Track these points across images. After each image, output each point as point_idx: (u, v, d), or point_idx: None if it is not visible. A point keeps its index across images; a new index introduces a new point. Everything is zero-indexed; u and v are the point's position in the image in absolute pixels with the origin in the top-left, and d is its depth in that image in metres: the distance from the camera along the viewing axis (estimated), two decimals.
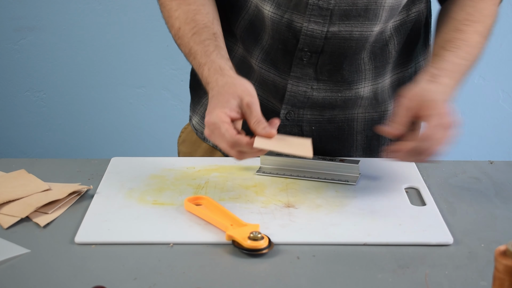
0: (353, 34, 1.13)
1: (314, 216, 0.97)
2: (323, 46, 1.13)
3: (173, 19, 1.13)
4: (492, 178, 1.12)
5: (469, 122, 2.52)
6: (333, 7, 1.10)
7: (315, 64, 1.15)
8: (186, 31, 1.11)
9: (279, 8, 1.12)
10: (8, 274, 0.85)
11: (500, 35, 2.41)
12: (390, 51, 1.18)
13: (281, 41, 1.15)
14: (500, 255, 0.72)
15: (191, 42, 1.10)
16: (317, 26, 1.11)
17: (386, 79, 1.20)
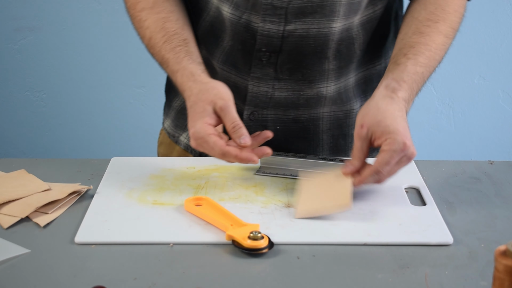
0: (310, 32, 1.12)
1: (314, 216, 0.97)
2: (281, 45, 1.13)
3: (144, 29, 1.14)
4: (492, 178, 1.12)
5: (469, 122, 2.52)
6: (288, 5, 1.09)
7: (274, 64, 1.14)
8: (157, 39, 1.12)
9: (237, 9, 1.12)
10: (8, 274, 0.85)
11: (500, 35, 2.41)
12: (355, 50, 1.17)
13: (240, 42, 1.14)
14: (500, 255, 0.72)
15: (162, 51, 1.11)
16: (273, 26, 1.11)
17: (350, 78, 1.19)
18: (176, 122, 1.28)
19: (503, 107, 2.50)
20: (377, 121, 0.99)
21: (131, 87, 2.48)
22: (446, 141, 2.54)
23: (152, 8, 1.14)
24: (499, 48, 2.43)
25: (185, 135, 1.26)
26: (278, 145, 1.18)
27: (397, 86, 1.04)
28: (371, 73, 1.22)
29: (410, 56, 1.07)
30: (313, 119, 1.19)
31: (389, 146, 0.97)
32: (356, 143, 1.01)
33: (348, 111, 1.21)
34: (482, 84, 2.47)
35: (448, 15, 1.12)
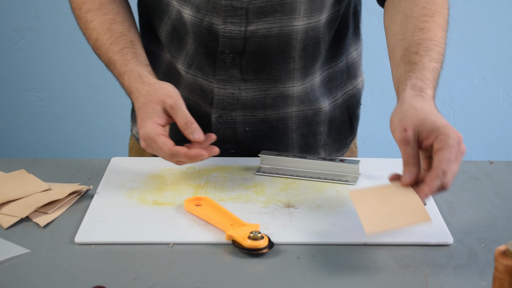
0: (272, 31, 1.11)
1: (314, 216, 0.97)
2: (244, 46, 1.12)
3: (90, 30, 1.13)
4: (492, 178, 1.12)
5: (469, 122, 2.52)
6: (248, 5, 1.09)
7: (239, 65, 1.14)
8: (103, 41, 1.12)
9: (198, 12, 1.11)
10: (8, 274, 0.85)
11: (500, 35, 2.41)
12: (320, 50, 1.17)
13: (203, 45, 1.14)
14: (500, 255, 0.72)
15: (109, 52, 1.11)
16: (235, 27, 1.10)
17: (315, 77, 1.19)
18: None
19: (503, 107, 2.50)
20: (421, 120, 0.92)
21: None
22: None
23: (98, 9, 1.13)
24: (499, 48, 2.43)
25: None
26: (248, 146, 1.18)
27: (423, 85, 0.98)
28: (335, 71, 1.21)
29: (423, 53, 1.03)
30: (282, 118, 1.19)
31: (444, 143, 0.88)
32: (405, 149, 0.91)
33: (316, 110, 1.20)
34: (482, 84, 2.47)
35: (440, 7, 1.11)
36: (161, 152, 1.00)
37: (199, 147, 1.00)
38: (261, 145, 1.19)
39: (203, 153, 0.99)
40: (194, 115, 1.02)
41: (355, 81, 1.25)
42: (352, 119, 1.27)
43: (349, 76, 1.23)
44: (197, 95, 1.18)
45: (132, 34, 1.13)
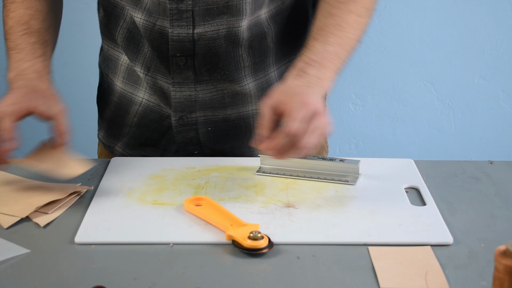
0: (220, 33, 1.12)
1: (314, 216, 0.97)
2: (194, 49, 1.13)
3: (8, 18, 1.15)
4: (492, 178, 1.12)
5: (469, 122, 2.52)
6: (193, 8, 1.09)
7: (192, 67, 1.15)
8: (16, 30, 1.13)
9: (151, 16, 1.12)
10: (8, 274, 0.85)
11: (500, 35, 2.41)
12: (268, 44, 1.16)
13: (157, 49, 1.14)
14: (500, 255, 0.72)
15: (19, 40, 1.12)
16: (182, 30, 1.11)
17: (270, 72, 1.19)
18: (110, 132, 1.27)
19: (503, 107, 2.50)
20: (283, 90, 1.00)
21: None
22: (446, 141, 2.54)
23: (22, 2, 1.14)
24: (499, 48, 2.43)
25: (119, 144, 1.26)
26: (211, 146, 1.19)
27: (305, 66, 1.04)
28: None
29: (319, 38, 1.07)
30: (243, 117, 1.19)
31: (290, 105, 0.96)
32: (264, 112, 0.99)
33: None
34: (482, 84, 2.47)
35: None
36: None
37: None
38: (224, 145, 1.20)
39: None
40: (157, 117, 1.03)
41: None
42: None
43: None
44: (158, 97, 1.18)
45: (48, 35, 1.15)
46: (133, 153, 1.24)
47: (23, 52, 1.11)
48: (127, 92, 1.21)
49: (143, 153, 1.22)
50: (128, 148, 1.24)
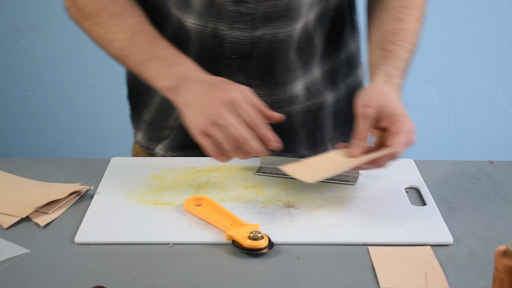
0: (279, 36, 1.12)
1: (314, 216, 0.97)
2: (251, 52, 1.13)
3: (116, 33, 1.10)
4: (492, 178, 1.12)
5: (469, 122, 2.52)
6: (254, 11, 1.09)
7: (245, 70, 1.15)
8: (138, 41, 1.08)
9: (201, 18, 1.11)
10: (8, 274, 0.85)
11: (500, 35, 2.41)
12: (315, 44, 1.17)
13: (209, 51, 1.14)
14: (500, 255, 0.72)
15: (150, 48, 1.07)
16: (241, 32, 1.10)
17: (315, 71, 1.19)
18: (149, 135, 1.26)
19: (503, 107, 2.50)
20: (384, 103, 1.00)
21: None
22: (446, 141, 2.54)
23: (123, 13, 1.11)
24: (499, 48, 2.43)
25: (160, 146, 1.25)
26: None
27: (394, 73, 1.06)
28: (336, 64, 1.22)
29: (398, 43, 1.09)
30: (287, 116, 1.18)
31: (401, 128, 0.97)
32: (361, 122, 0.99)
33: (320, 104, 1.21)
34: (482, 84, 2.47)
35: (418, 1, 1.14)
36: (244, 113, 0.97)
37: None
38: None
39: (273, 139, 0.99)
40: None
41: (356, 72, 1.27)
42: None
43: (350, 68, 1.25)
44: None
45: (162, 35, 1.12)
46: (175, 155, 1.23)
47: (165, 58, 1.06)
48: None
49: (185, 155, 1.21)
50: (170, 150, 1.24)
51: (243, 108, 0.97)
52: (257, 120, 0.97)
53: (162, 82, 1.04)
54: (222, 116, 0.96)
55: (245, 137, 0.96)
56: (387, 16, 1.12)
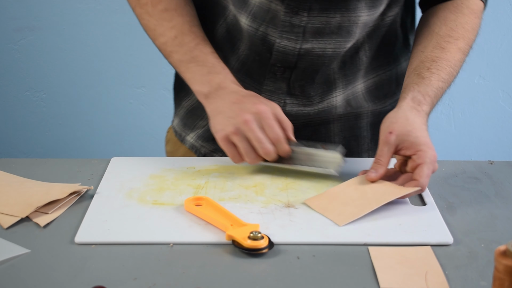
0: (327, 51, 1.13)
1: (314, 216, 0.97)
2: (296, 62, 1.14)
3: (166, 28, 1.13)
4: (492, 178, 1.12)
5: (469, 122, 2.52)
6: (306, 24, 1.10)
7: (288, 79, 1.16)
8: (185, 40, 1.12)
9: (254, 21, 1.12)
10: (8, 274, 0.85)
11: (500, 35, 2.41)
12: (360, 57, 1.17)
13: (257, 53, 1.15)
14: (500, 255, 0.72)
15: (196, 51, 1.11)
16: (290, 43, 1.11)
17: (357, 85, 1.19)
18: (185, 121, 1.28)
19: (503, 107, 2.50)
20: (407, 131, 1.01)
21: (131, 87, 2.48)
22: (446, 141, 2.54)
23: (175, 10, 1.13)
24: (499, 48, 2.43)
25: (192, 135, 1.26)
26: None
27: (422, 100, 1.06)
28: (382, 79, 1.22)
29: (434, 71, 1.09)
30: (324, 123, 1.20)
31: (424, 159, 0.99)
32: (383, 148, 1.02)
33: (358, 114, 1.21)
34: (482, 84, 2.47)
35: (467, 33, 1.14)
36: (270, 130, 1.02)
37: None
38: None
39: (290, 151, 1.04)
40: None
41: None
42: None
43: (399, 85, 1.23)
44: None
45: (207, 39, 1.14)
46: (205, 145, 1.25)
47: (207, 65, 1.10)
48: None
49: (215, 147, 1.23)
50: (200, 139, 1.25)
51: (269, 124, 1.02)
52: (281, 137, 1.02)
53: (199, 87, 1.09)
54: (248, 127, 1.02)
55: (267, 153, 1.03)
56: (431, 43, 1.12)
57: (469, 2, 1.15)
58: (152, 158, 1.17)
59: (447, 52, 1.11)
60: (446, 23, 1.14)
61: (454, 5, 1.15)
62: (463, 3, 1.15)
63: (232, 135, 1.03)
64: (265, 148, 1.02)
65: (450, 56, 1.11)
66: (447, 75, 1.10)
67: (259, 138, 1.02)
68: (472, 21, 1.15)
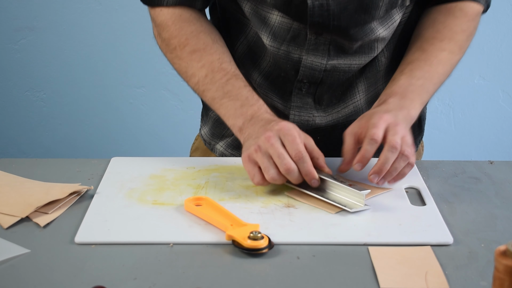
0: (352, 67, 1.14)
1: (314, 216, 0.97)
2: (322, 78, 1.15)
3: (196, 68, 1.13)
4: (492, 178, 1.12)
5: (469, 122, 2.52)
6: (330, 43, 1.11)
7: (313, 94, 1.17)
8: (216, 78, 1.11)
9: (275, 40, 1.13)
10: (8, 274, 0.85)
11: (500, 35, 2.41)
12: (380, 59, 1.18)
13: (282, 70, 1.16)
14: (500, 255, 0.72)
15: (228, 87, 1.10)
16: (316, 59, 1.13)
17: (379, 85, 1.21)
18: (213, 130, 1.29)
19: (503, 107, 2.50)
20: (361, 117, 1.04)
21: (131, 87, 2.48)
22: (446, 141, 2.54)
23: (204, 49, 1.13)
24: (499, 48, 2.43)
25: (221, 143, 1.28)
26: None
27: (386, 97, 1.07)
28: None
29: (406, 72, 1.10)
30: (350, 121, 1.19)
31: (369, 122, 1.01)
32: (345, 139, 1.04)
33: None
34: (482, 84, 2.47)
35: (455, 34, 1.14)
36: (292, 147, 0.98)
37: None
38: (333, 151, 1.16)
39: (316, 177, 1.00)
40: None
41: None
42: (420, 118, 1.28)
43: None
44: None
45: (240, 73, 1.13)
46: (234, 153, 1.26)
47: (240, 98, 1.08)
48: None
49: None
50: (230, 148, 1.26)
51: (291, 140, 0.98)
52: (304, 154, 0.98)
53: (233, 121, 1.08)
54: (269, 143, 0.98)
55: (288, 169, 0.98)
56: (414, 46, 1.14)
57: (463, 5, 1.15)
58: (152, 158, 1.17)
59: (427, 53, 1.12)
60: (433, 25, 1.14)
61: (447, 8, 1.16)
62: (457, 6, 1.15)
63: (254, 152, 1.00)
64: (285, 164, 0.97)
65: (430, 55, 1.11)
66: (425, 72, 1.10)
67: (280, 154, 0.97)
68: (464, 23, 1.15)
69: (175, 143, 2.51)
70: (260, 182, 1.00)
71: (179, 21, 1.15)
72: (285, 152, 0.98)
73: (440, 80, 1.12)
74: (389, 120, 1.00)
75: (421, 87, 1.09)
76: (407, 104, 1.06)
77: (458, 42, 1.14)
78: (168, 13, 1.15)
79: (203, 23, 1.16)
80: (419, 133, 1.30)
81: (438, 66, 1.11)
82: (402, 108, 1.05)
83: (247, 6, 1.14)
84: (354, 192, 0.98)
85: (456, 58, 1.15)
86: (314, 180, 0.99)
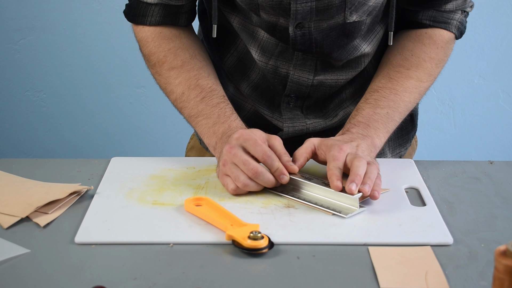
0: (339, 82, 1.16)
1: (314, 216, 0.97)
2: (309, 92, 1.16)
3: (174, 85, 1.15)
4: (492, 178, 1.12)
5: (469, 122, 2.52)
6: (317, 59, 1.12)
7: (301, 107, 1.19)
8: (191, 96, 1.12)
9: (263, 55, 1.14)
10: (8, 274, 0.85)
11: (500, 35, 2.41)
12: (368, 69, 1.19)
13: (270, 83, 1.18)
14: (500, 255, 0.72)
15: (201, 105, 1.11)
16: (303, 74, 1.14)
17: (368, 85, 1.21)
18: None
19: (503, 107, 2.50)
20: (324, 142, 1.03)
21: (131, 87, 2.48)
22: (446, 141, 2.54)
23: (181, 66, 1.15)
24: (499, 48, 2.43)
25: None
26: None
27: (350, 126, 1.08)
28: None
29: (371, 101, 1.11)
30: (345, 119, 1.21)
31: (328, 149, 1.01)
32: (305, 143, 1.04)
33: None
34: (482, 84, 2.47)
35: (423, 62, 1.14)
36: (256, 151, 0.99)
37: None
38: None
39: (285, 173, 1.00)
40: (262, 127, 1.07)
41: None
42: (412, 114, 1.29)
43: None
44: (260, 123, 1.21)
45: (219, 87, 1.14)
46: None
47: (213, 116, 1.10)
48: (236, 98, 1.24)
49: None
50: None
51: (251, 144, 1.00)
52: (269, 153, 1.00)
53: (208, 139, 1.10)
54: (231, 153, 1.00)
55: (256, 172, 0.99)
56: (381, 73, 1.14)
57: (433, 32, 1.16)
58: (152, 158, 1.17)
59: (393, 81, 1.12)
60: (401, 53, 1.15)
61: (417, 35, 1.16)
62: (426, 33, 1.15)
63: (222, 167, 1.02)
64: (252, 169, 0.99)
65: (396, 84, 1.12)
66: (389, 101, 1.10)
67: (244, 160, 0.99)
68: (432, 51, 1.15)
69: (175, 143, 2.51)
70: (234, 189, 1.01)
71: (158, 38, 1.16)
72: (249, 157, 1.00)
73: (407, 107, 1.13)
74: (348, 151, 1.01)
75: (386, 116, 1.10)
76: (371, 133, 1.07)
77: (426, 69, 1.15)
78: (149, 30, 1.18)
79: (182, 39, 1.17)
80: (412, 128, 1.30)
81: (404, 94, 1.12)
82: (366, 138, 1.06)
83: (235, 21, 1.15)
84: (347, 197, 0.97)
85: (425, 86, 1.15)
86: (283, 176, 1.00)
